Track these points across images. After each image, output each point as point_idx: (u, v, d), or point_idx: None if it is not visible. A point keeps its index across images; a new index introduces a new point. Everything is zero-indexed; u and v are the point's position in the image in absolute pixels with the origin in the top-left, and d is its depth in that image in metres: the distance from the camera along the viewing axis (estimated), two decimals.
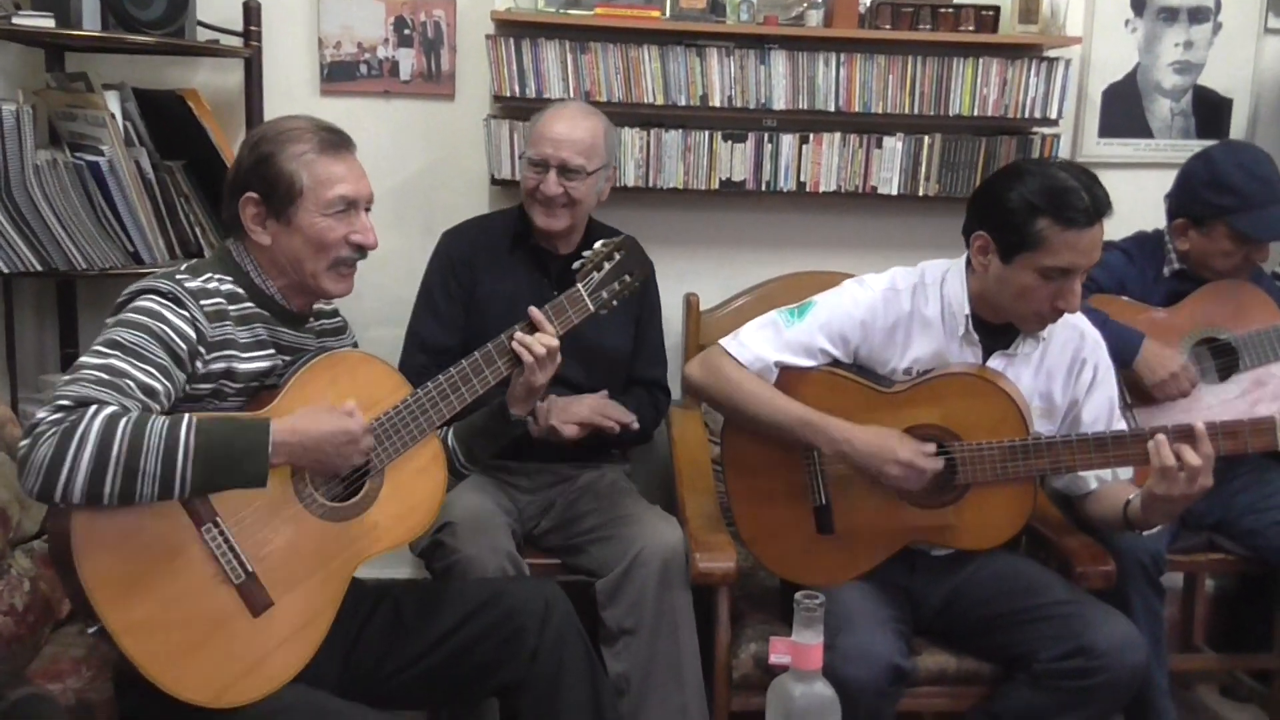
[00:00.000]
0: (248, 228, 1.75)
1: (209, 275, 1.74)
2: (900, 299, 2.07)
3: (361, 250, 1.80)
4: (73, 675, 1.85)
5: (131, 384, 1.57)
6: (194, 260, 1.81)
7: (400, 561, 2.31)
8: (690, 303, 2.78)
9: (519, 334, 1.91)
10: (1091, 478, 2.10)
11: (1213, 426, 1.88)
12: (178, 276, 1.70)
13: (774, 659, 1.34)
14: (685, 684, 2.20)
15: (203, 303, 1.69)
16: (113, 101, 2.40)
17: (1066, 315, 2.04)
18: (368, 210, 1.81)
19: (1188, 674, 2.90)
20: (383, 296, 2.72)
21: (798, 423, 2.03)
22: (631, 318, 2.47)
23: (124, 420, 1.50)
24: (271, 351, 1.77)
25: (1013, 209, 1.91)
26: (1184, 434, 1.86)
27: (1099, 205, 1.89)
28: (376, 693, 1.85)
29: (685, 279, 2.83)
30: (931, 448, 1.98)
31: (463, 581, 2.06)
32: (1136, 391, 2.44)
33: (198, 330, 1.66)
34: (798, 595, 1.35)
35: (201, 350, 1.67)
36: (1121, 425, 2.11)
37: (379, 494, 1.80)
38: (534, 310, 1.93)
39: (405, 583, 1.98)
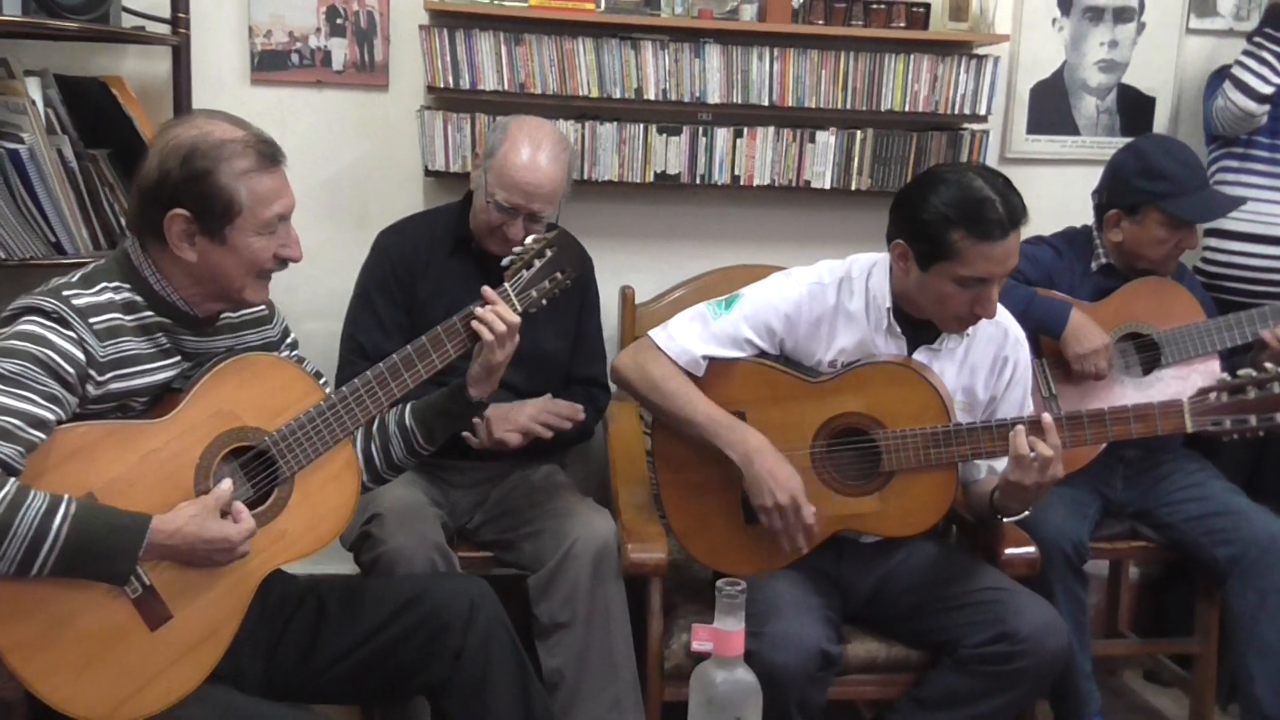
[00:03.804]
0: (172, 244, 1.66)
1: (102, 285, 1.66)
2: (826, 293, 2.09)
3: (285, 263, 1.74)
4: None
5: (17, 421, 1.50)
6: (89, 267, 1.71)
7: (329, 556, 2.28)
8: (626, 295, 2.78)
9: (478, 310, 1.85)
10: (983, 467, 2.14)
11: (1116, 411, 1.94)
12: (65, 293, 1.61)
13: (696, 646, 1.35)
14: (619, 676, 2.20)
15: (92, 320, 1.61)
16: (34, 88, 2.34)
17: None
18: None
19: (1112, 659, 2.96)
20: (316, 290, 2.69)
21: (710, 427, 2.04)
22: (573, 317, 2.45)
23: None
24: (177, 359, 1.72)
25: (928, 220, 1.93)
26: (1035, 426, 1.94)
27: (1014, 215, 1.91)
28: (301, 690, 1.83)
29: (621, 272, 2.83)
30: (810, 511, 1.99)
31: (388, 579, 2.04)
32: (1058, 368, 2.49)
33: (86, 352, 1.59)
34: (719, 582, 1.36)
35: (92, 373, 1.60)
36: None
37: (288, 502, 1.76)
38: (488, 290, 1.87)
39: (331, 579, 1.95)
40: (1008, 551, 2.19)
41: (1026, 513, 2.05)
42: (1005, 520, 2.07)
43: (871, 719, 2.26)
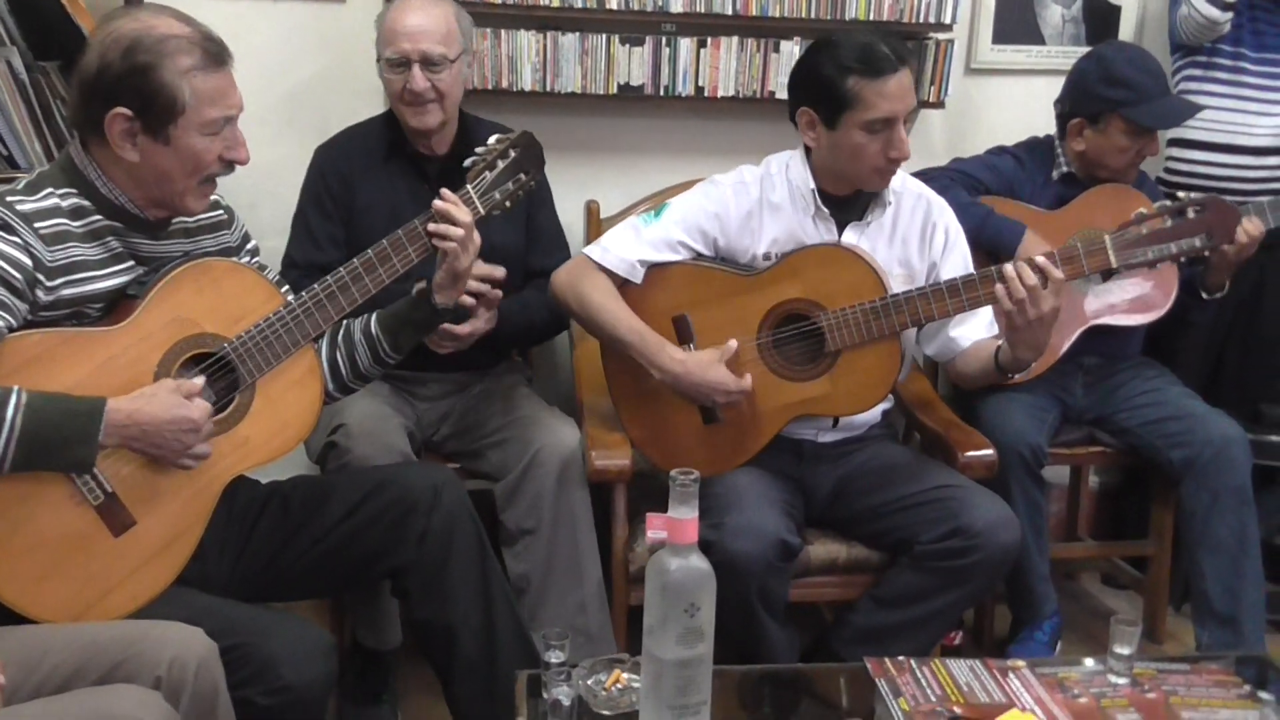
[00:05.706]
0: (113, 143, 1.63)
1: (48, 191, 1.63)
2: (749, 189, 2.17)
3: (232, 166, 1.72)
4: None
5: None
6: (35, 173, 1.69)
7: (296, 468, 2.30)
8: (590, 210, 2.77)
9: (432, 226, 1.85)
10: (963, 338, 2.18)
11: (1050, 256, 1.99)
12: (9, 199, 1.60)
13: (650, 534, 1.37)
14: (584, 580, 2.24)
15: (38, 225, 1.59)
16: None
17: (910, 184, 2.19)
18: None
19: (1070, 563, 3.03)
20: (277, 205, 2.65)
21: (636, 345, 2.11)
22: (522, 211, 2.40)
23: None
24: (130, 264, 1.70)
25: (825, 76, 2.04)
26: (987, 280, 1.99)
27: (898, 52, 2.03)
28: (271, 588, 1.86)
29: (585, 186, 2.81)
30: (748, 380, 2.08)
31: (352, 471, 2.06)
32: None
33: (33, 256, 1.57)
34: (672, 471, 1.38)
35: (40, 278, 1.58)
36: None
37: (250, 408, 1.76)
38: (446, 192, 1.88)
39: (294, 479, 1.97)
40: (966, 454, 2.24)
41: (1036, 362, 2.05)
42: (1017, 378, 2.11)
43: (833, 621, 2.30)
